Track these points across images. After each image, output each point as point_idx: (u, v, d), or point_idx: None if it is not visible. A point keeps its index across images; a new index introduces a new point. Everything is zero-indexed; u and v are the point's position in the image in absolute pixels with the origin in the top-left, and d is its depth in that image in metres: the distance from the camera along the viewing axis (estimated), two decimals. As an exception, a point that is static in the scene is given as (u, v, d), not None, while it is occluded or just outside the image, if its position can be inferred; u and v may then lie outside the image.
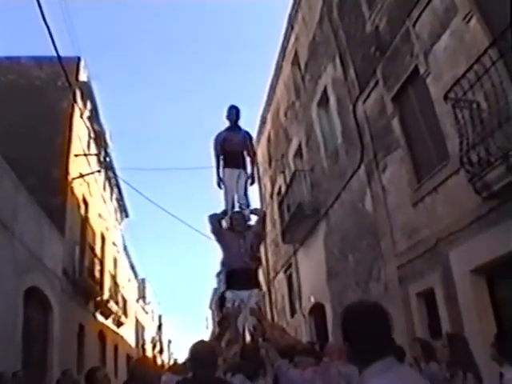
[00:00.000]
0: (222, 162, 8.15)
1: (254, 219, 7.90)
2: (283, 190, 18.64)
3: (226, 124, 8.39)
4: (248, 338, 7.06)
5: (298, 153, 17.58)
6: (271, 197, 21.93)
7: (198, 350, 3.90)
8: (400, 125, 10.01)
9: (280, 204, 18.72)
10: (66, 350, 14.41)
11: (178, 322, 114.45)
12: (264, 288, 21.57)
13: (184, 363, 7.81)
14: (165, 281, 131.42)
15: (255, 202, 22.59)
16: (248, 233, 7.54)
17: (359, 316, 2.24)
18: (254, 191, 24.72)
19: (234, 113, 8.27)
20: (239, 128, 8.34)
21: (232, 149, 8.03)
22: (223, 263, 7.66)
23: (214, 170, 8.18)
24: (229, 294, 7.07)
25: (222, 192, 8.10)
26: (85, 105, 18.46)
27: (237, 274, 7.05)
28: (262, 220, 7.94)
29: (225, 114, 8.26)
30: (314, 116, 15.55)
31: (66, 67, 13.11)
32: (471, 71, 6.89)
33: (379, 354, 2.11)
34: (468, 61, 7.20)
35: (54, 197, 14.88)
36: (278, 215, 19.55)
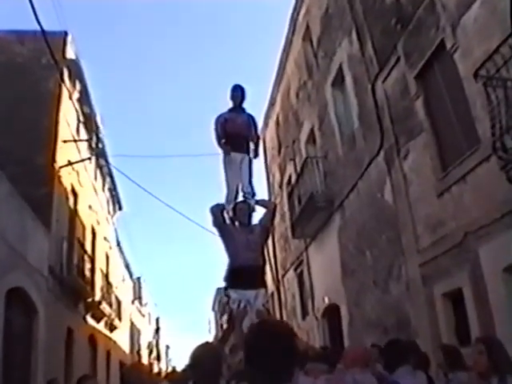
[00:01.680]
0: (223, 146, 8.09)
1: (260, 211, 7.85)
2: (293, 179, 18.61)
3: (230, 105, 8.34)
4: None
5: (311, 138, 17.53)
6: (280, 187, 21.90)
7: (200, 354, 3.84)
8: (424, 106, 9.94)
9: (290, 195, 18.69)
10: (53, 356, 14.44)
11: (178, 326, 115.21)
12: (272, 287, 21.65)
13: (184, 370, 7.81)
14: (163, 280, 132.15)
15: (263, 193, 22.62)
16: (256, 227, 7.49)
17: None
18: (261, 180, 24.72)
19: (238, 93, 8.20)
20: (243, 110, 8.29)
21: (235, 131, 7.97)
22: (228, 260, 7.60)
23: (220, 151, 8.13)
24: (233, 294, 7.03)
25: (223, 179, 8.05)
26: (73, 85, 18.43)
27: (243, 272, 7.00)
28: (272, 213, 7.89)
29: (228, 93, 8.21)
30: (328, 97, 15.48)
31: (52, 43, 13.03)
32: (505, 45, 6.81)
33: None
34: (502, 33, 7.10)
35: (39, 187, 14.86)
36: (287, 207, 19.52)
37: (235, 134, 7.98)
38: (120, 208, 31.27)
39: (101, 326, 22.83)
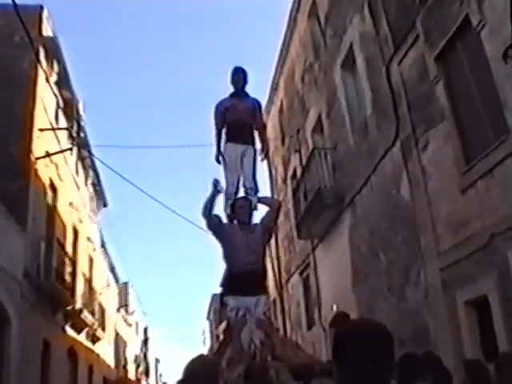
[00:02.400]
0: (223, 136, 8.06)
1: (262, 209, 7.82)
2: (299, 172, 18.58)
3: (230, 90, 8.30)
4: (254, 355, 7.01)
5: (318, 126, 17.52)
6: (284, 181, 21.88)
7: (194, 368, 3.82)
8: (446, 91, 9.89)
9: (295, 190, 18.69)
10: (27, 372, 14.39)
11: (169, 337, 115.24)
12: (274, 294, 21.62)
13: (175, 387, 7.79)
14: (153, 285, 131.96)
15: (264, 188, 22.58)
16: (257, 226, 7.47)
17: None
18: (262, 174, 24.69)
19: (240, 76, 8.16)
20: (246, 95, 8.24)
21: (237, 118, 7.93)
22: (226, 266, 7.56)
23: (214, 143, 8.10)
24: (231, 301, 7.00)
25: (221, 172, 8.03)
26: (51, 66, 18.37)
27: (242, 277, 6.97)
28: (276, 213, 7.85)
29: (228, 77, 8.16)
30: (338, 81, 15.44)
31: (26, 19, 12.93)
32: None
33: None
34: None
35: (12, 181, 14.83)
36: (291, 204, 19.52)
37: (236, 121, 7.94)
38: (105, 205, 31.25)
39: (82, 338, 22.81)
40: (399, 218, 11.67)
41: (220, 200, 7.70)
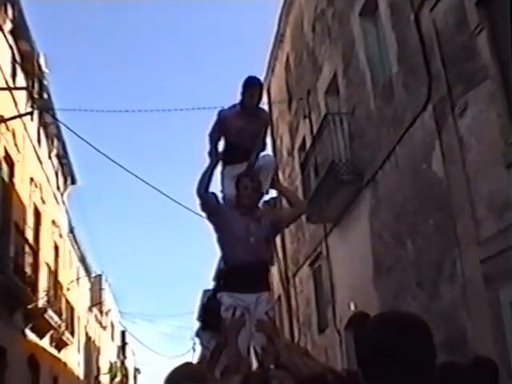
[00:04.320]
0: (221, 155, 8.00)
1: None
2: (308, 143, 18.56)
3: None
4: (254, 364, 7.02)
5: (332, 87, 17.52)
6: (290, 154, 21.88)
7: (177, 379, 3.81)
8: (490, 43, 9.82)
9: (303, 164, 18.67)
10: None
11: (151, 342, 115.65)
12: (279, 289, 21.68)
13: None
14: (132, 279, 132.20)
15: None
16: (264, 217, 7.42)
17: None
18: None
19: (255, 92, 7.92)
20: (257, 112, 8.07)
21: (235, 141, 7.86)
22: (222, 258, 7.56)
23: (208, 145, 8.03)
24: (226, 299, 6.98)
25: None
26: (4, 11, 18.24)
27: (241, 270, 6.95)
28: (296, 218, 7.80)
29: (240, 87, 7.98)
30: (356, 31, 15.38)
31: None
32: None
33: None
34: None
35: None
36: (299, 181, 19.51)
37: (240, 146, 7.86)
38: (73, 182, 31.25)
39: (45, 343, 22.91)
40: (430, 199, 11.66)
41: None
